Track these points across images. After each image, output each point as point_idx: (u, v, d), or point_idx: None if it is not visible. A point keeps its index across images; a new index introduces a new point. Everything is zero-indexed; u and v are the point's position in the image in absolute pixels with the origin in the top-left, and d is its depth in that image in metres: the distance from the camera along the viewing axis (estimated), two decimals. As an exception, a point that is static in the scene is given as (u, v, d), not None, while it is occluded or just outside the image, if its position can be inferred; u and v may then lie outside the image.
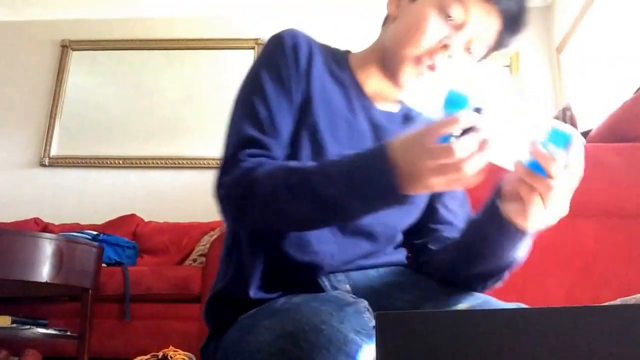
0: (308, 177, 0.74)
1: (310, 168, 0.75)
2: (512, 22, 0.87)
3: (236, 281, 0.85)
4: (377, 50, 0.94)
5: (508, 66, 3.98)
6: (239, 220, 0.82)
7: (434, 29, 0.85)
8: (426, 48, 0.85)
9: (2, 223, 3.38)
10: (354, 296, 0.72)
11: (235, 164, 0.80)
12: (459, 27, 0.85)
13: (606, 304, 0.42)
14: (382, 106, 0.95)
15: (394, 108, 0.96)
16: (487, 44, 0.88)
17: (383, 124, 0.92)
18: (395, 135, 0.74)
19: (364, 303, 0.67)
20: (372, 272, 0.90)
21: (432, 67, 0.86)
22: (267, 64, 0.88)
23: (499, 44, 0.89)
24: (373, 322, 0.62)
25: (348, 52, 0.99)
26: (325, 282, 0.84)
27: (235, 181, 0.79)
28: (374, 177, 0.70)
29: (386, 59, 0.91)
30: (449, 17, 0.84)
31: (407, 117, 0.96)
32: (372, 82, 0.94)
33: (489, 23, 0.86)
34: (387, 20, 0.96)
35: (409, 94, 0.77)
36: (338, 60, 0.95)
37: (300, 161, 0.84)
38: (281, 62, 0.87)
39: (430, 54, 0.85)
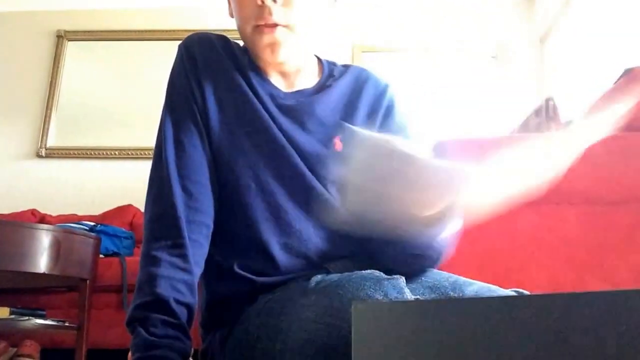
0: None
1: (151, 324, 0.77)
2: None
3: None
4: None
5: (494, 57, 4.02)
6: None
7: None
8: (253, 16, 0.87)
9: (-1, 214, 3.39)
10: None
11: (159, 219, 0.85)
12: None
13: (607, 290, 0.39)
14: (299, 83, 0.95)
15: (310, 82, 0.96)
16: None
17: (292, 106, 0.93)
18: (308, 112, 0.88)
19: (402, 279, 0.68)
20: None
21: (269, 25, 0.86)
22: (169, 96, 0.91)
23: None
24: (411, 296, 0.64)
25: None
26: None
27: (143, 253, 0.84)
28: None
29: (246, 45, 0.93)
30: None
31: (322, 86, 0.96)
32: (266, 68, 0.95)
33: None
34: None
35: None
36: (245, 54, 0.95)
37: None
38: (180, 83, 0.90)
39: (260, 17, 0.86)
